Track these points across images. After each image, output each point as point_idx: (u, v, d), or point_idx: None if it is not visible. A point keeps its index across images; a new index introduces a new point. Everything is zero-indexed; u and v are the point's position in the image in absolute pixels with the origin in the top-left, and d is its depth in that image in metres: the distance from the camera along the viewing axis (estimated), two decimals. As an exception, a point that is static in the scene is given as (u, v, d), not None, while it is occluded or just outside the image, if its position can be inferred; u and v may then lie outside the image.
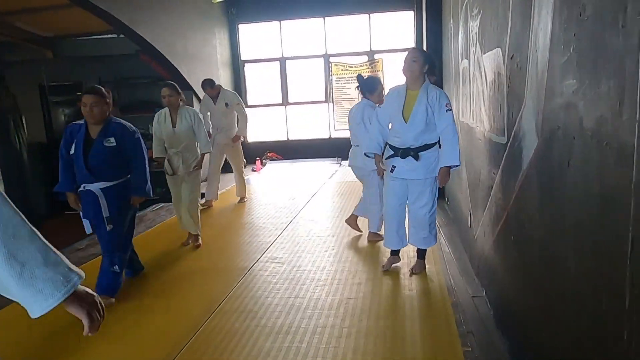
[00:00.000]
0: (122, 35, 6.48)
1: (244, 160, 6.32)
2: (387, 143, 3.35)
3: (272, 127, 10.07)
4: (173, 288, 3.48)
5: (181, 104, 4.50)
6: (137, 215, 5.97)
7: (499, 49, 2.43)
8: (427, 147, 3.20)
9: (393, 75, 9.13)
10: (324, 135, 9.70)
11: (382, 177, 3.45)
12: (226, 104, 5.91)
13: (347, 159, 4.49)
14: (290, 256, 3.97)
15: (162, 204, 6.49)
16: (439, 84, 5.47)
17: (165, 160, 4.51)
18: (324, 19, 9.57)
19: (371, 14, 9.42)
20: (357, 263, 3.73)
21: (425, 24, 5.94)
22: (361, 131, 3.89)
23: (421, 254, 3.46)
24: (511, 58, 2.17)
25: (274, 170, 8.82)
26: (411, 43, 9.14)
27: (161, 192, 8.04)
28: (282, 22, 9.68)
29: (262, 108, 10.06)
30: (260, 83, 10.05)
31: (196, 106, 7.92)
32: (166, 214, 5.94)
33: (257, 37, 9.89)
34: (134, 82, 7.64)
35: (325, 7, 9.41)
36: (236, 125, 6.04)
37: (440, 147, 3.19)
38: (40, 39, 7.36)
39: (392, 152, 3.29)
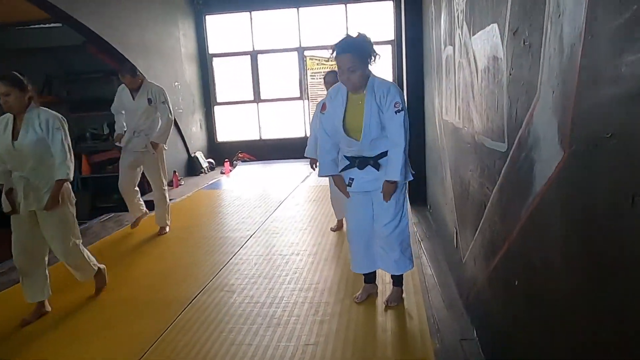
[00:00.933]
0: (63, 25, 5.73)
1: (165, 177, 4.70)
2: (341, 153, 2.77)
3: (243, 125, 9.39)
4: (94, 327, 2.81)
5: (32, 104, 2.93)
6: (80, 227, 5.30)
7: (495, 25, 1.82)
8: (385, 154, 2.61)
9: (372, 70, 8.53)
10: (300, 134, 9.05)
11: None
12: (149, 101, 4.44)
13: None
14: (243, 283, 3.33)
15: (113, 214, 5.78)
16: (419, 80, 4.87)
17: (3, 193, 2.96)
18: (298, 10, 8.91)
19: (348, 5, 8.79)
20: (323, 292, 3.10)
21: (403, 12, 5.34)
22: None
23: (397, 280, 2.85)
24: (514, 33, 1.56)
25: (245, 173, 8.15)
26: (391, 36, 8.56)
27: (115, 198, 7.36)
28: (252, 13, 9.00)
29: (233, 105, 9.38)
30: (230, 78, 9.35)
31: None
32: (114, 225, 5.24)
33: (226, 29, 9.19)
34: (85, 77, 6.88)
35: (299, -3, 8.75)
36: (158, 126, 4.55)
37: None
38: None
39: (348, 163, 2.69)
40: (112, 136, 7.06)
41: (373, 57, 2.52)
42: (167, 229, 4.73)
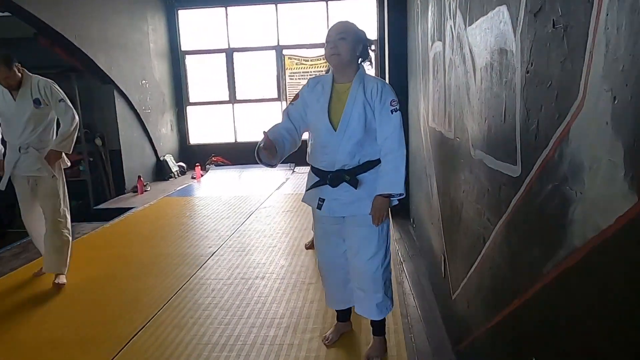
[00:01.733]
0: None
1: (67, 207, 3.43)
2: (311, 167, 2.27)
3: (217, 127, 8.86)
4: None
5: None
6: (19, 242, 4.72)
7: (503, 8, 1.37)
8: (370, 165, 2.12)
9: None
10: (276, 137, 8.54)
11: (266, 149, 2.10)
12: (36, 102, 3.28)
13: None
14: (195, 316, 2.82)
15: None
16: (403, 81, 4.43)
17: None
18: (276, 6, 8.43)
19: (329, 2, 8.34)
20: (288, 329, 2.62)
21: (386, 6, 4.91)
22: None
23: (378, 327, 2.31)
24: (535, 15, 1.11)
25: (217, 178, 7.62)
26: (374, 35, 8.14)
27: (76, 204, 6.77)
28: (228, 8, 8.48)
29: (206, 106, 8.85)
30: (203, 77, 8.82)
31: (120, 106, 6.69)
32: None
33: (199, 25, 8.65)
34: (39, 72, 6.25)
35: (278, -8, 8.26)
36: (53, 137, 3.38)
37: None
38: None
39: (317, 179, 2.20)
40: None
41: (364, 48, 2.13)
42: (64, 278, 3.36)
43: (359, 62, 2.18)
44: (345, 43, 2.05)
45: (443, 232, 2.57)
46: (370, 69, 2.23)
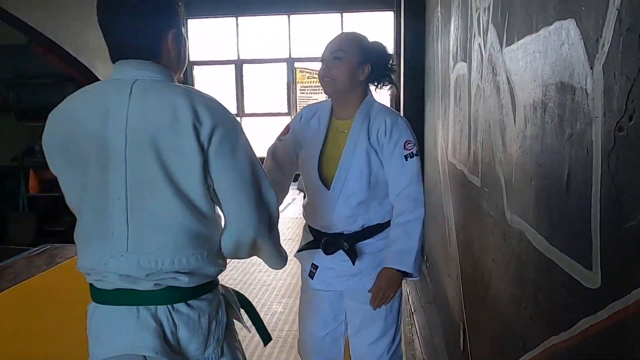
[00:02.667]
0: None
1: None
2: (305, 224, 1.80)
3: (224, 141, 8.49)
4: None
5: None
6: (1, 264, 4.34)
7: (569, 24, 0.91)
8: (377, 229, 1.65)
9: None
10: (285, 153, 8.15)
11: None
12: None
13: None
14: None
15: (49, 245, 4.83)
16: (419, 102, 3.97)
17: None
18: (289, 17, 8.08)
19: (344, 14, 7.96)
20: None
21: (403, 19, 4.48)
22: None
23: None
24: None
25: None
26: (390, 49, 7.70)
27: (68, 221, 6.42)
28: (239, 18, 8.15)
29: (213, 119, 8.49)
30: (211, 89, 8.47)
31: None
32: (43, 262, 4.27)
33: (209, 35, 8.33)
34: (34, 81, 5.98)
35: (291, 3, 7.91)
36: None
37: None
38: None
39: (311, 238, 1.73)
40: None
41: (375, 67, 1.64)
42: None
43: (374, 86, 1.70)
44: (342, 65, 1.58)
45: (463, 298, 2.09)
46: (385, 94, 1.75)
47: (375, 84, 1.72)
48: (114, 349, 1.06)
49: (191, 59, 8.34)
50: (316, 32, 8.06)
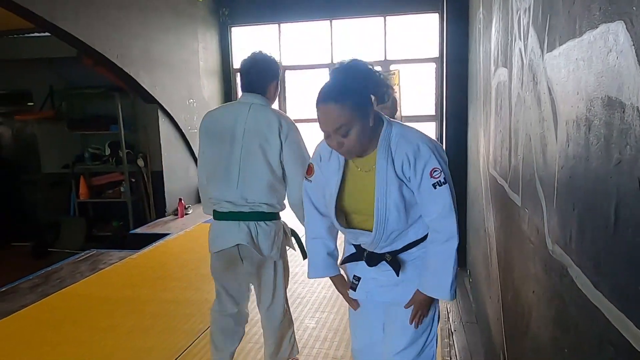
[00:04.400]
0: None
1: None
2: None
3: (267, 148, 8.52)
4: None
5: None
6: (50, 268, 4.50)
7: (617, 26, 0.75)
8: (418, 241, 1.60)
9: (411, 91, 7.47)
10: (327, 160, 8.05)
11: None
12: None
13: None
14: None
15: (95, 251, 4.97)
16: (462, 108, 3.77)
17: None
18: (331, 22, 7.99)
19: (387, 17, 7.78)
20: None
21: (445, 21, 4.28)
22: None
23: None
24: None
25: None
26: (435, 52, 7.46)
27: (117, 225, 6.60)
28: (281, 24, 8.16)
29: (256, 125, 8.54)
30: (254, 96, 8.53)
31: (164, 126, 6.48)
32: (87, 269, 4.39)
33: (251, 42, 8.39)
34: (84, 91, 6.20)
35: (333, 8, 7.82)
36: None
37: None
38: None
39: (353, 251, 1.69)
40: (113, 157, 6.44)
41: (380, 96, 1.49)
42: None
43: (377, 118, 1.52)
44: (353, 136, 1.42)
45: (503, 325, 1.91)
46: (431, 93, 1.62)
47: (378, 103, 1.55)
48: (225, 242, 2.09)
49: (234, 66, 8.42)
50: (359, 36, 7.94)
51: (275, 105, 2.19)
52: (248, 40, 8.37)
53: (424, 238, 1.59)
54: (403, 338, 1.62)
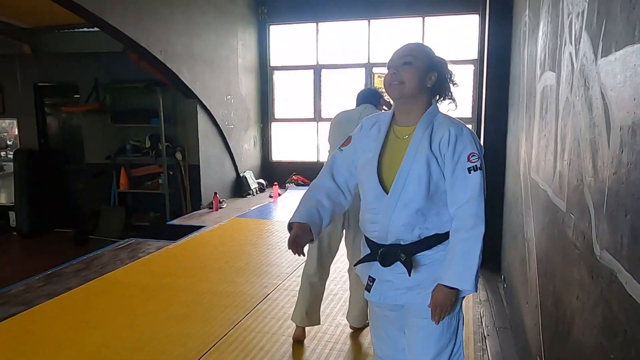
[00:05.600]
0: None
1: None
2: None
3: (300, 145, 8.60)
4: None
5: None
6: (90, 255, 4.70)
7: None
8: (436, 240, 1.56)
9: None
10: (360, 159, 8.06)
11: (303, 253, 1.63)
12: None
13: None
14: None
15: (134, 240, 5.15)
16: (502, 111, 3.73)
17: None
18: (369, 22, 8.00)
19: (426, 17, 7.74)
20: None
21: (487, 22, 4.23)
22: None
23: None
24: None
25: (294, 199, 7.30)
26: (474, 54, 7.36)
27: (155, 216, 6.81)
28: (319, 24, 8.22)
29: (291, 123, 8.63)
30: (290, 93, 8.62)
31: (202, 120, 6.64)
32: (126, 257, 4.56)
33: (289, 40, 8.48)
34: (127, 85, 6.42)
35: (371, 8, 7.84)
36: None
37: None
38: (18, 30, 6.33)
39: (368, 251, 1.67)
40: (153, 150, 6.64)
41: (441, 78, 1.60)
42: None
43: (435, 99, 1.63)
44: (411, 69, 1.53)
45: (542, 331, 1.90)
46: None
47: (437, 97, 1.63)
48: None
49: (272, 64, 8.53)
50: (396, 37, 7.91)
51: (309, 105, 2.33)
52: (285, 38, 8.48)
53: (443, 238, 1.55)
54: (428, 346, 1.58)
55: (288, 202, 7.10)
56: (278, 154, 8.79)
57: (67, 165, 7.37)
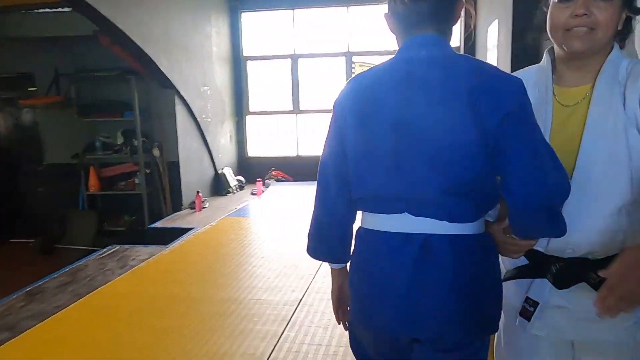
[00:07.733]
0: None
1: None
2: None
3: (279, 139, 8.18)
4: None
5: None
6: (73, 266, 4.09)
7: None
8: None
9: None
10: (343, 152, 7.75)
11: None
12: None
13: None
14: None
15: (118, 246, 4.56)
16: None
17: None
18: (347, 9, 7.70)
19: (407, 4, 7.52)
20: None
21: None
22: None
23: None
24: None
25: (279, 196, 6.88)
26: (456, 41, 7.22)
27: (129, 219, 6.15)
28: (295, 10, 7.81)
29: (267, 116, 8.19)
30: (266, 85, 8.16)
31: (180, 113, 6.07)
32: (115, 265, 3.99)
33: (263, 28, 8.02)
34: (96, 74, 5.74)
35: (350, -6, 7.54)
36: None
37: None
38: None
39: (526, 262, 1.16)
40: (127, 146, 5.99)
41: (629, 24, 1.14)
42: None
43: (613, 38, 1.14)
44: (610, 7, 1.07)
45: None
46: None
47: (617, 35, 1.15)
48: None
49: (245, 54, 8.03)
50: (376, 24, 7.65)
51: (287, 96, 1.86)
52: (259, 26, 8.00)
53: None
54: None
55: (272, 199, 6.68)
56: (255, 150, 8.32)
57: (22, 167, 6.55)
